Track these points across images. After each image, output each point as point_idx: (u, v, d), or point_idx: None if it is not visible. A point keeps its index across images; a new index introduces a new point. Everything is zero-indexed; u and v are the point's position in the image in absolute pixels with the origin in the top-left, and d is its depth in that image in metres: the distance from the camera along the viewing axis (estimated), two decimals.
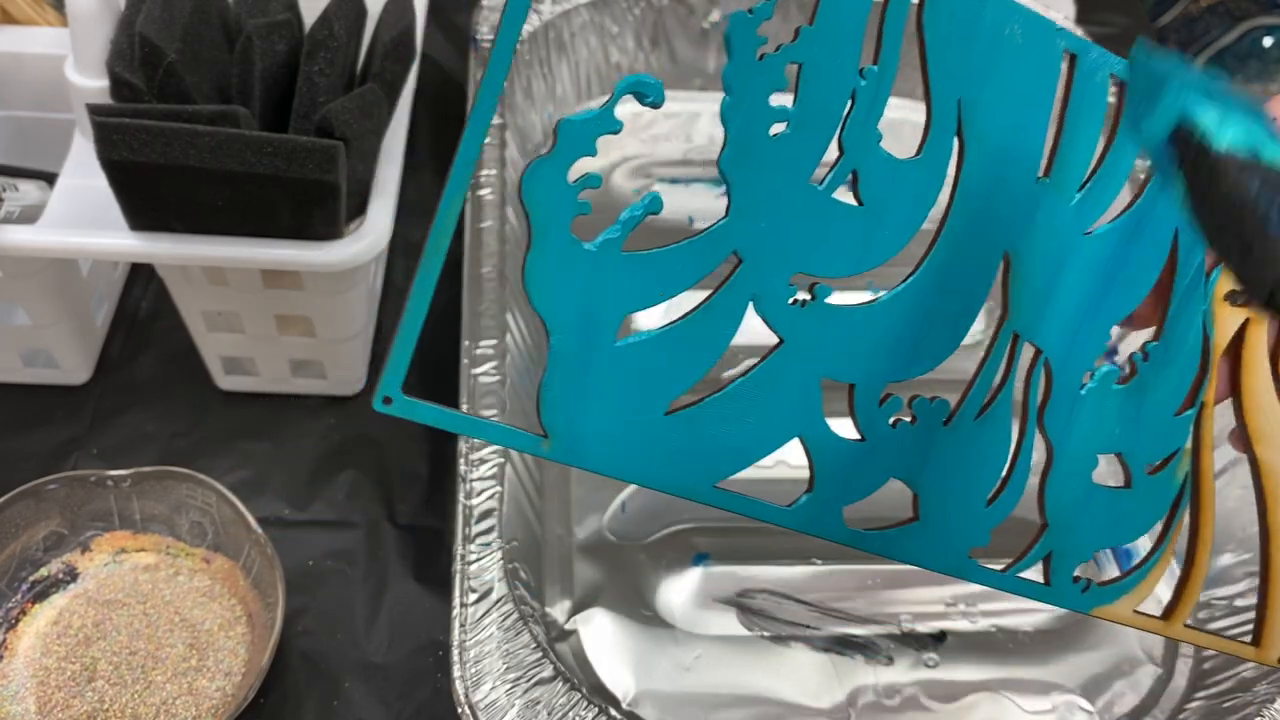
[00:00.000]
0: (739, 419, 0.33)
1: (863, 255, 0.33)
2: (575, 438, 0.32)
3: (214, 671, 0.46)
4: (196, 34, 0.47)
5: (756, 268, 0.32)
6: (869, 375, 0.34)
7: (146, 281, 0.61)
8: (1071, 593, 0.39)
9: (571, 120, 0.30)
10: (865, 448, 0.35)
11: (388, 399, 0.31)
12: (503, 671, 0.41)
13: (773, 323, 0.33)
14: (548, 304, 0.31)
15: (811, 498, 0.35)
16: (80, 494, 0.48)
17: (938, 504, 0.36)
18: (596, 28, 0.67)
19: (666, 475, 0.33)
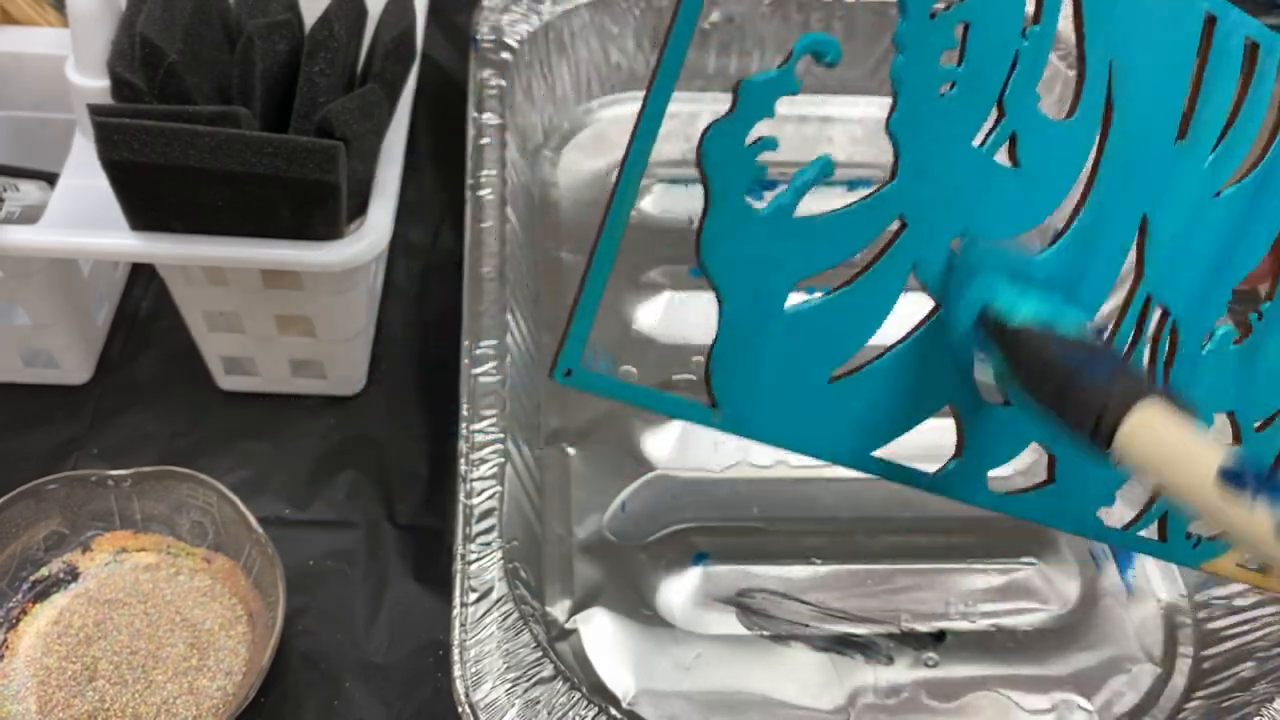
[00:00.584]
0: (896, 386, 0.33)
1: (1018, 218, 0.33)
2: (744, 407, 0.32)
3: (215, 671, 0.46)
4: (197, 34, 0.47)
5: (920, 232, 0.32)
6: None
7: (147, 281, 0.61)
8: (1184, 548, 0.40)
9: (753, 81, 0.29)
10: (1010, 413, 0.35)
11: (568, 371, 0.31)
12: (503, 671, 0.41)
13: (932, 289, 0.33)
14: (723, 270, 0.31)
15: (960, 464, 0.36)
16: (81, 494, 0.48)
17: (1072, 466, 0.37)
18: (597, 28, 0.67)
19: (827, 443, 0.33)
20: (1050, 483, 0.37)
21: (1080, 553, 0.53)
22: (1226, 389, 0.38)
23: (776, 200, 0.31)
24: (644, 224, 0.65)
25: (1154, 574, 0.52)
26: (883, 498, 0.54)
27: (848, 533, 0.53)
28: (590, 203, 0.65)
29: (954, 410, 0.35)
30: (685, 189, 0.66)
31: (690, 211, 0.65)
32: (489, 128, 0.59)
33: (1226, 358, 0.38)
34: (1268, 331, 0.38)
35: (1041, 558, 0.52)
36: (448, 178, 0.67)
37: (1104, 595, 0.52)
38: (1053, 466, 0.37)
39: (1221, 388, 0.38)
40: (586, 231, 0.64)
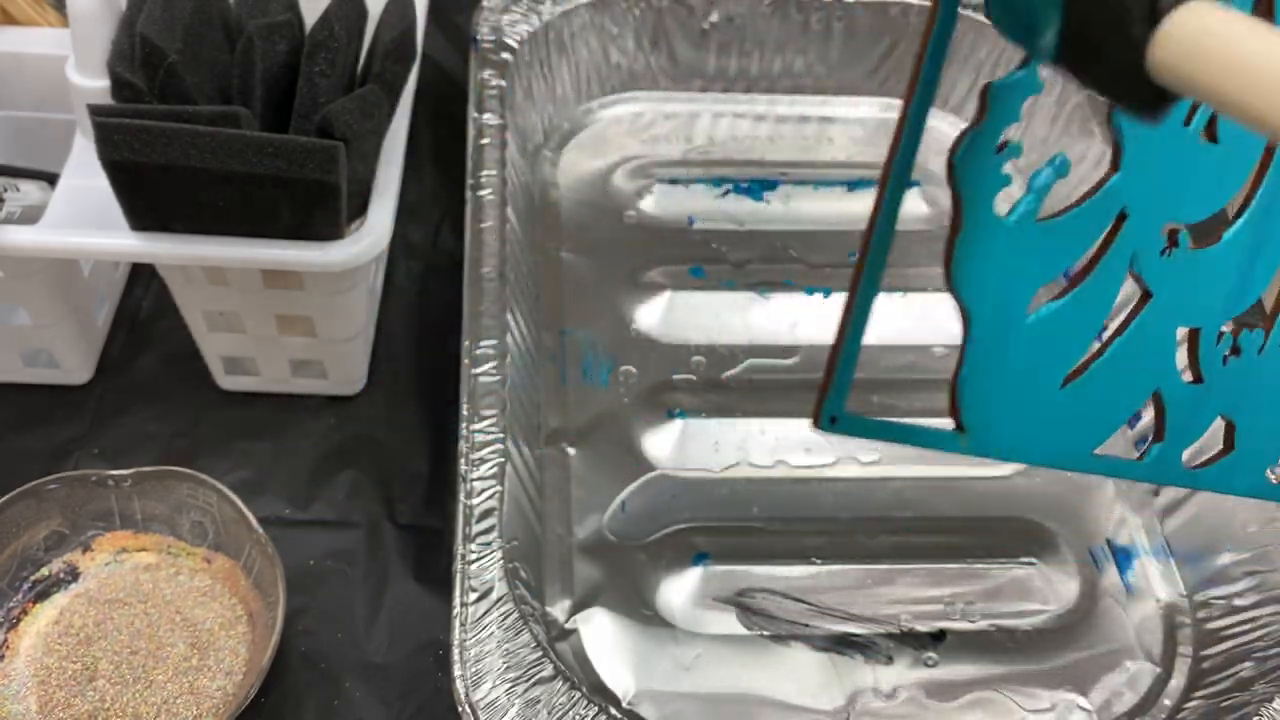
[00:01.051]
0: (1114, 380, 0.34)
1: (1215, 194, 0.33)
2: (988, 427, 0.32)
3: (215, 671, 0.46)
4: (197, 34, 0.47)
5: (1139, 222, 0.32)
6: (1212, 315, 0.35)
7: (147, 281, 0.61)
8: None
9: (1001, 84, 0.29)
10: (1203, 389, 0.36)
11: (834, 419, 0.31)
12: (503, 671, 0.41)
13: (1146, 276, 0.33)
14: (972, 288, 0.31)
15: (1163, 447, 0.36)
16: (81, 494, 0.48)
17: (1250, 431, 0.38)
18: (597, 28, 0.67)
19: (1058, 449, 0.34)
20: (1230, 451, 0.38)
21: (1080, 553, 0.53)
22: None
23: (1021, 206, 0.31)
24: (644, 224, 0.65)
25: (1153, 574, 0.53)
26: (882, 498, 0.54)
27: (848, 532, 0.53)
28: (590, 203, 0.66)
29: (1158, 397, 0.36)
30: (685, 189, 0.66)
31: (690, 211, 0.65)
32: (489, 128, 0.59)
33: None
34: None
35: (1041, 558, 0.52)
36: (448, 178, 0.67)
37: (1103, 595, 0.52)
38: (1231, 434, 0.38)
39: None
40: (586, 231, 0.64)
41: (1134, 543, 0.54)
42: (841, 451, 0.56)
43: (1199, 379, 0.36)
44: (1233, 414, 0.38)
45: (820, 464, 0.55)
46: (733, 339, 0.60)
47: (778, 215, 0.65)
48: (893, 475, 0.55)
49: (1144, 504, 0.55)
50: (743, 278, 0.62)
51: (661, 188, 0.66)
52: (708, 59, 0.70)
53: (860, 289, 0.30)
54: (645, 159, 0.68)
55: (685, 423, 0.56)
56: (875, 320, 0.65)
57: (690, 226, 0.65)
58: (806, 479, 0.55)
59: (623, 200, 0.66)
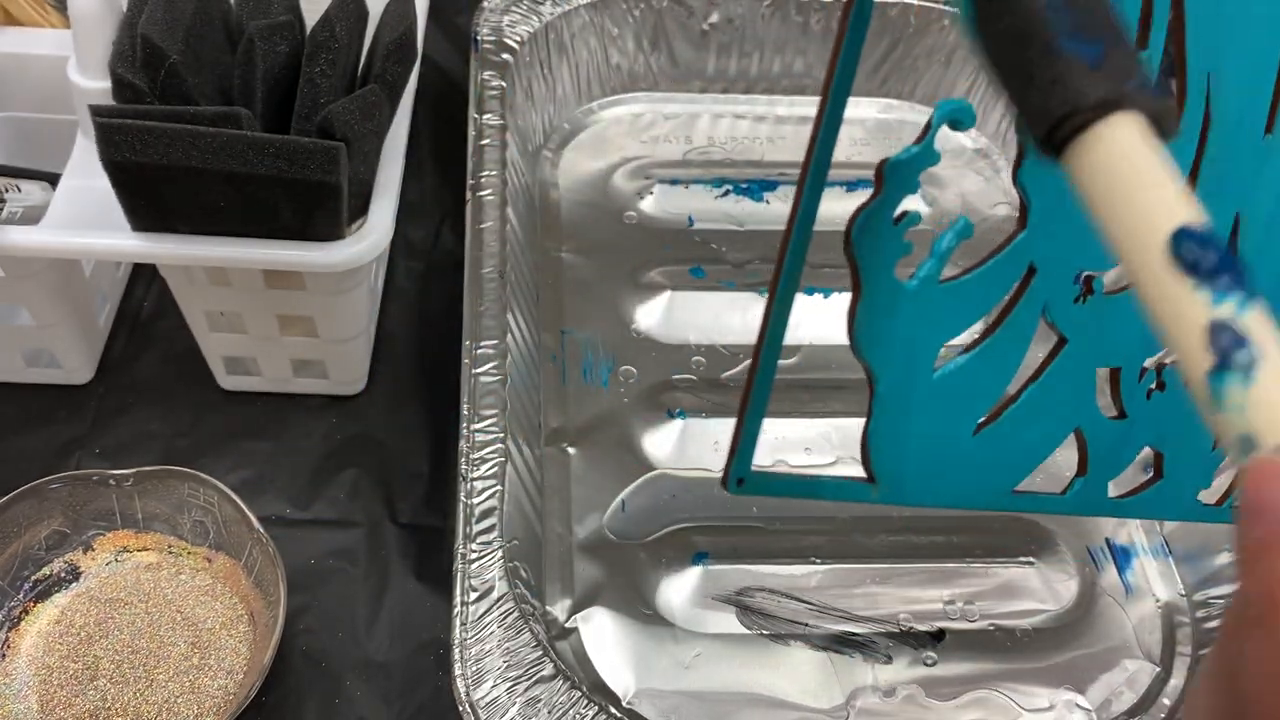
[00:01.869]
0: (1030, 423, 0.35)
1: None
2: (899, 476, 0.33)
3: (216, 670, 0.46)
4: (198, 35, 0.47)
5: (1049, 275, 0.33)
6: (1133, 354, 0.35)
7: (149, 282, 0.61)
8: None
9: (897, 160, 0.30)
10: (1127, 424, 0.36)
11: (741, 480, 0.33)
12: (503, 670, 0.41)
13: (1060, 325, 0.34)
14: (875, 350, 0.31)
15: (1085, 481, 0.37)
16: (82, 493, 0.48)
17: (1178, 459, 0.38)
18: (597, 29, 0.67)
19: (973, 492, 0.35)
20: (1159, 478, 0.38)
21: (1079, 552, 0.53)
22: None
23: (922, 271, 0.31)
24: (644, 225, 0.65)
25: (1152, 573, 0.53)
26: None
27: (846, 532, 0.53)
28: (590, 203, 0.66)
29: (1079, 434, 0.36)
30: (685, 189, 0.67)
31: (690, 211, 0.65)
32: (489, 128, 0.59)
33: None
34: None
35: (1040, 557, 0.53)
36: (448, 178, 0.68)
37: (1102, 594, 0.52)
38: (1160, 463, 0.38)
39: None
40: (586, 232, 0.65)
41: (1133, 542, 0.54)
42: (841, 451, 0.56)
43: (1122, 414, 0.36)
44: (1159, 444, 0.38)
45: (820, 464, 0.55)
46: (733, 339, 0.60)
47: (778, 215, 0.65)
48: None
49: None
50: (743, 278, 0.62)
51: (661, 188, 0.67)
52: (708, 60, 0.70)
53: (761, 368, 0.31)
54: (645, 159, 0.68)
55: (685, 423, 0.56)
56: None
57: (690, 227, 0.65)
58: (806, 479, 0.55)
59: (623, 200, 0.66)
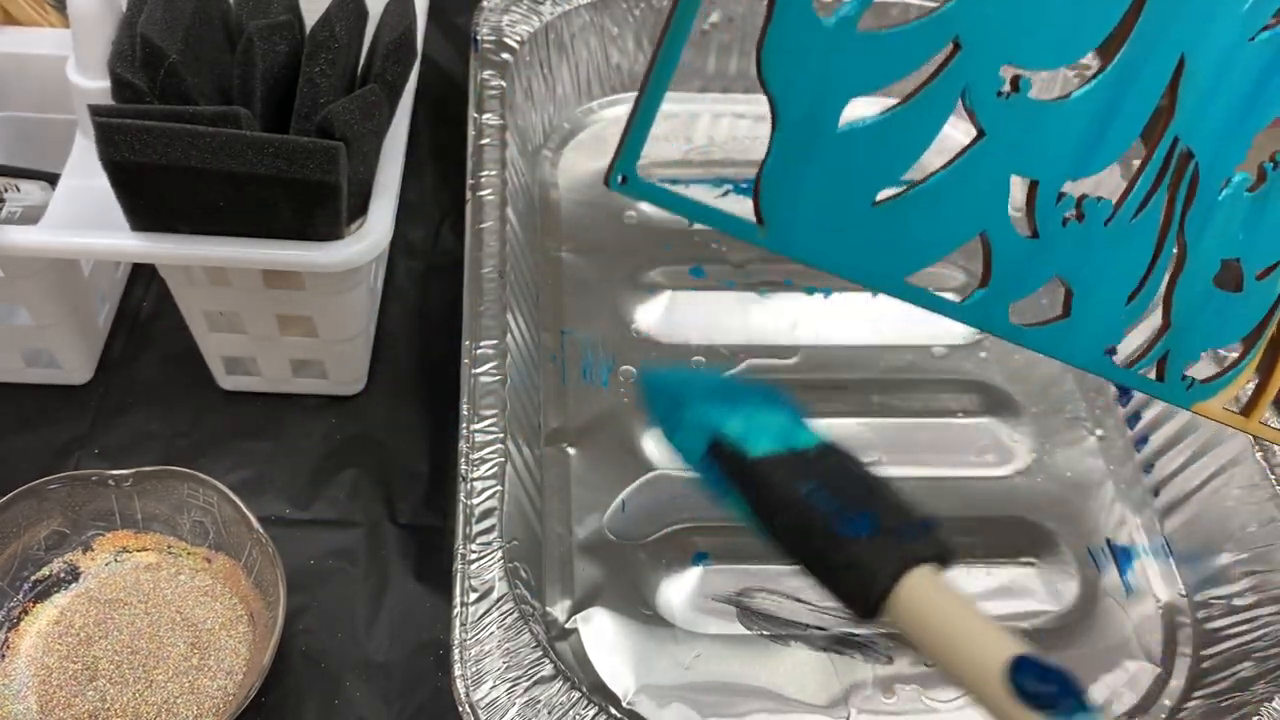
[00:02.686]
0: (934, 211, 0.34)
1: (1066, 47, 0.33)
2: (790, 227, 0.32)
3: (215, 670, 0.46)
4: (198, 35, 0.47)
5: (973, 55, 0.32)
6: (1052, 172, 0.35)
7: (148, 282, 0.61)
8: (1179, 389, 0.41)
9: None
10: (1037, 245, 0.36)
11: (624, 178, 0.31)
12: (503, 670, 0.41)
13: (979, 114, 0.33)
14: (781, 83, 0.30)
15: (986, 293, 0.36)
16: (82, 493, 0.48)
17: (1089, 301, 0.38)
18: (597, 29, 0.67)
19: (865, 267, 0.33)
20: (1065, 317, 0.38)
21: (1079, 553, 0.53)
22: (1235, 235, 0.39)
23: (840, 11, 0.30)
24: (644, 224, 0.65)
25: (1153, 574, 0.53)
26: None
27: None
28: (590, 203, 0.66)
29: (984, 239, 0.35)
30: (685, 188, 0.67)
31: None
32: (489, 128, 0.59)
33: (1240, 203, 0.38)
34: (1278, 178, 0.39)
35: (1041, 558, 0.53)
36: (448, 178, 0.68)
37: (1103, 595, 0.52)
38: (1069, 301, 0.38)
39: (1231, 233, 0.39)
40: (586, 231, 0.64)
41: (1134, 543, 0.54)
42: None
43: (1035, 234, 0.35)
44: (1070, 279, 0.37)
45: None
46: (733, 339, 0.60)
47: None
48: (892, 475, 0.55)
49: (1143, 504, 0.55)
50: (742, 278, 0.62)
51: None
52: (708, 59, 0.70)
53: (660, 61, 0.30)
54: (645, 159, 0.67)
55: None
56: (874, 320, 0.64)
57: (690, 227, 0.65)
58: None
59: (623, 200, 0.66)
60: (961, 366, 0.60)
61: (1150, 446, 0.56)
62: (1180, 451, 0.55)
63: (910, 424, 0.57)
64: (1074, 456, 0.56)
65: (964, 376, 0.59)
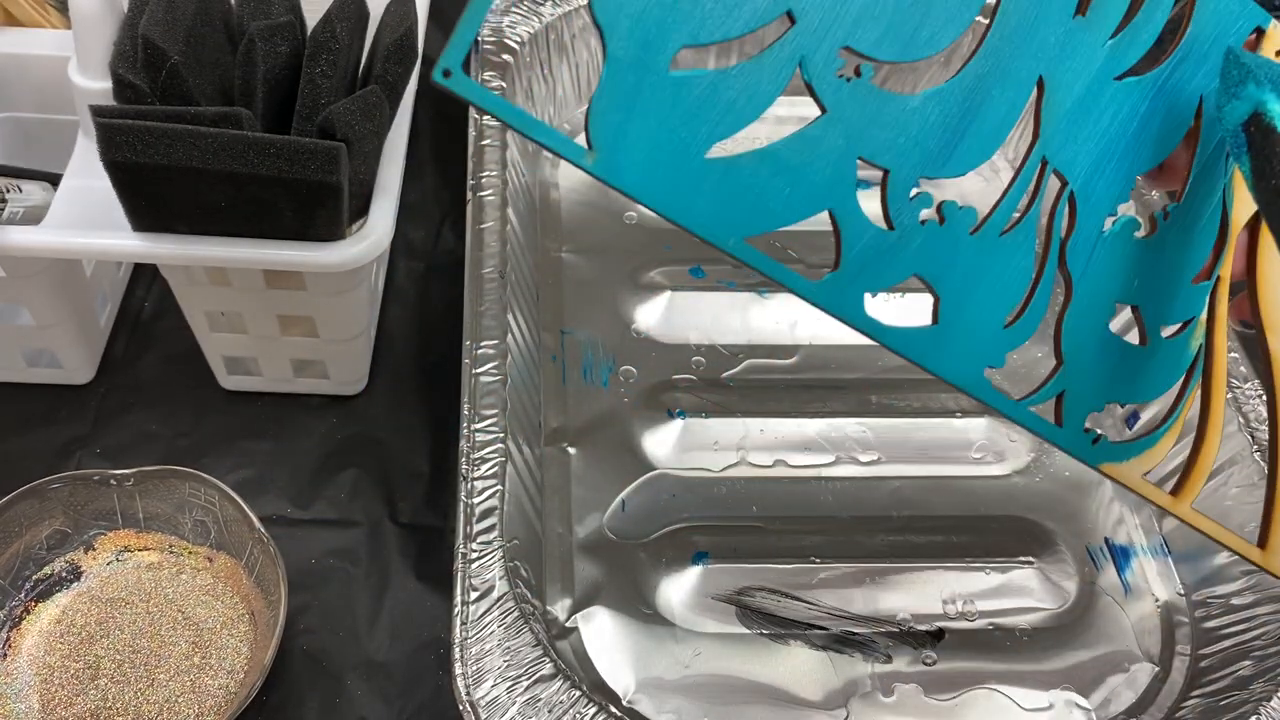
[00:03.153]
0: (774, 179, 0.33)
1: (909, 42, 0.33)
2: (618, 156, 0.31)
3: (217, 669, 0.46)
4: (199, 36, 0.47)
5: (807, 31, 0.32)
6: (905, 164, 0.35)
7: (149, 282, 0.61)
8: (1082, 442, 0.39)
9: None
10: (893, 237, 0.35)
11: (447, 72, 0.30)
12: (503, 669, 0.41)
13: (818, 90, 0.33)
14: (609, 13, 0.30)
15: (835, 276, 0.35)
16: (83, 493, 0.48)
17: (957, 313, 0.37)
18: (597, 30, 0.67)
19: (700, 218, 0.33)
20: (933, 324, 0.37)
21: (1078, 552, 0.53)
22: (1129, 280, 0.39)
23: None
24: (644, 225, 0.65)
25: (1151, 573, 0.53)
26: (881, 497, 0.54)
27: (846, 532, 0.53)
28: (590, 203, 0.66)
29: (833, 218, 0.35)
30: None
31: None
32: (490, 129, 0.59)
33: (1130, 245, 0.38)
34: (1174, 232, 0.39)
35: (1039, 557, 0.53)
36: (449, 179, 0.68)
37: (1101, 594, 0.52)
38: (936, 308, 0.37)
39: (1123, 277, 0.39)
40: (587, 231, 0.65)
41: (1132, 542, 0.54)
42: (841, 451, 0.56)
43: (890, 225, 0.35)
44: (934, 283, 0.36)
45: (819, 463, 0.55)
46: (733, 339, 0.60)
47: None
48: (891, 475, 0.55)
49: (1142, 503, 0.55)
50: (743, 278, 0.62)
51: None
52: (707, 60, 0.70)
53: None
54: None
55: (685, 422, 0.56)
56: None
57: None
58: (805, 478, 0.55)
59: (623, 201, 0.66)
60: None
61: None
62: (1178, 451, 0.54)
63: (909, 424, 0.57)
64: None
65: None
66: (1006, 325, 0.37)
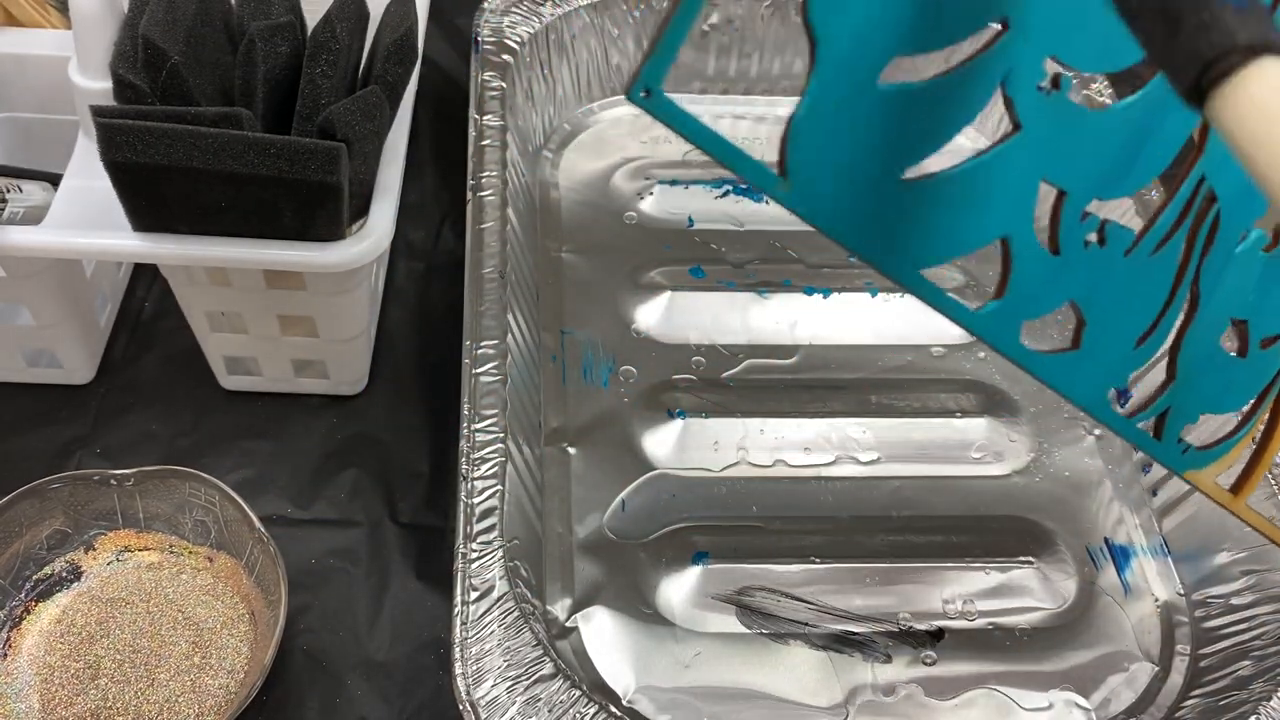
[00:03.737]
0: (958, 204, 0.32)
1: (1113, 51, 0.32)
2: (813, 185, 0.30)
3: (217, 669, 0.46)
4: (199, 36, 0.47)
5: (1019, 39, 0.31)
6: (1082, 185, 0.33)
7: (150, 282, 0.61)
8: (1174, 451, 0.39)
9: None
10: (1058, 263, 0.34)
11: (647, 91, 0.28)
12: (504, 669, 0.41)
13: (1017, 105, 0.31)
14: (827, 25, 0.28)
15: (1000, 305, 0.34)
16: (84, 493, 0.48)
17: (1099, 336, 0.36)
18: (597, 30, 0.68)
19: (882, 249, 0.32)
20: (1074, 348, 0.36)
21: (1078, 552, 0.53)
22: (1247, 295, 0.38)
23: None
24: (644, 224, 0.65)
25: (1151, 573, 0.53)
26: (881, 497, 0.54)
27: (846, 532, 0.53)
28: (590, 204, 0.66)
29: (1004, 246, 0.33)
30: (685, 189, 0.67)
31: (690, 212, 0.65)
32: (490, 129, 0.59)
33: (1254, 261, 0.37)
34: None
35: (1039, 557, 0.53)
36: (449, 179, 0.68)
37: (1101, 594, 0.52)
38: (1079, 332, 0.36)
39: (1243, 292, 0.38)
40: (586, 232, 0.65)
41: (1132, 542, 0.54)
42: (841, 451, 0.56)
43: (1056, 250, 0.34)
44: (1084, 307, 0.36)
45: (819, 463, 0.55)
46: (733, 339, 0.60)
47: (777, 216, 0.66)
48: (891, 475, 0.55)
49: (1142, 503, 0.55)
50: (742, 278, 0.62)
51: (661, 188, 0.67)
52: (708, 60, 0.71)
53: None
54: (645, 160, 0.68)
55: (685, 423, 0.56)
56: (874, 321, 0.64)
57: (690, 227, 0.65)
58: (805, 478, 0.55)
59: (623, 201, 0.66)
60: (960, 366, 0.60)
61: None
62: None
63: (909, 424, 0.57)
64: (1072, 456, 0.57)
65: (962, 376, 0.59)
66: (1136, 345, 0.37)
